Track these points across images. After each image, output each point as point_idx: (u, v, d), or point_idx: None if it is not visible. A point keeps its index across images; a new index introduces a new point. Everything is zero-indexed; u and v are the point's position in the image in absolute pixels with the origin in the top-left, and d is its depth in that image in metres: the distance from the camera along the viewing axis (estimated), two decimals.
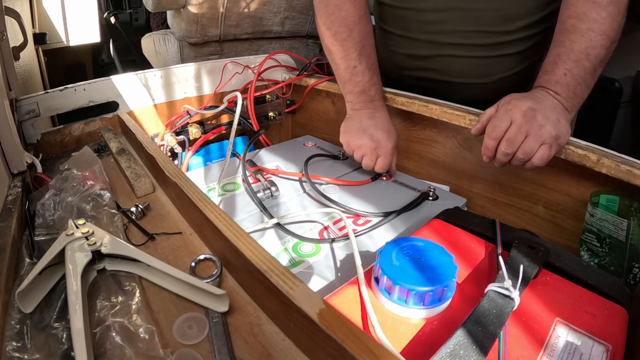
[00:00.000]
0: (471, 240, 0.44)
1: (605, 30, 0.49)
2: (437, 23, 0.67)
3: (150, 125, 0.82)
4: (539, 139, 0.47)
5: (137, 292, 0.37)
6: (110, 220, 0.47)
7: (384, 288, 0.35)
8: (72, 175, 0.53)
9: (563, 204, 0.55)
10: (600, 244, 0.48)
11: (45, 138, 0.70)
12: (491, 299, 0.33)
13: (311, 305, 0.30)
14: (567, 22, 0.51)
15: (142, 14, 2.18)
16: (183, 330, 0.34)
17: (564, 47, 0.51)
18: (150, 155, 0.56)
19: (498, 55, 0.67)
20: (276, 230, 0.53)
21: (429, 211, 0.58)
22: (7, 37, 0.71)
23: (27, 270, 0.39)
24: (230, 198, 0.62)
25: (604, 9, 0.49)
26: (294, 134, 1.01)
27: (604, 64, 0.51)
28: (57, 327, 0.33)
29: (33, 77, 1.36)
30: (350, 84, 0.66)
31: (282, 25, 1.44)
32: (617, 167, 0.45)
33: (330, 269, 0.46)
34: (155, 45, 1.44)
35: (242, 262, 0.36)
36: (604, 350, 0.31)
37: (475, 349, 0.29)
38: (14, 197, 0.49)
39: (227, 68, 0.88)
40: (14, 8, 1.02)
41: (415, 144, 0.72)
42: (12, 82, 0.69)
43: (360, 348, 0.26)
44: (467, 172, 0.66)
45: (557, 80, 0.50)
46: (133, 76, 0.77)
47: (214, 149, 0.86)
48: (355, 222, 0.55)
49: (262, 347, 0.33)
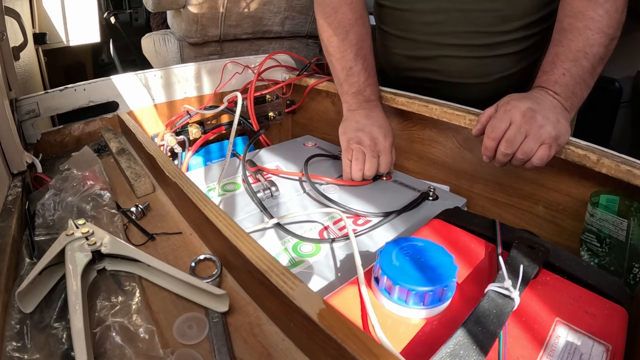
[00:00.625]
0: (471, 240, 0.44)
1: (603, 28, 0.48)
2: (435, 24, 0.67)
3: (150, 125, 0.82)
4: (539, 139, 0.47)
5: (137, 292, 0.37)
6: (110, 220, 0.47)
7: (384, 288, 0.35)
8: (72, 175, 0.53)
9: (563, 204, 0.55)
10: (600, 244, 0.48)
11: (45, 138, 0.70)
12: (491, 299, 0.33)
13: (311, 305, 0.30)
14: (564, 21, 0.51)
15: (142, 14, 2.18)
16: (183, 330, 0.34)
17: (561, 46, 0.50)
18: (150, 155, 0.56)
19: (496, 55, 0.67)
20: (276, 230, 0.53)
21: (429, 211, 0.58)
22: (7, 37, 0.71)
23: (27, 270, 0.39)
24: (230, 198, 0.62)
25: (600, 6, 0.48)
26: (294, 134, 1.01)
27: (603, 62, 0.50)
28: (57, 327, 0.33)
29: (33, 77, 1.36)
30: (346, 84, 0.66)
31: (282, 25, 1.44)
32: (617, 167, 0.45)
33: (330, 269, 0.46)
34: (155, 45, 1.44)
35: (242, 262, 0.36)
36: (604, 350, 0.31)
37: (475, 349, 0.29)
38: (14, 197, 0.49)
39: (227, 68, 0.88)
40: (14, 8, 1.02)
41: (415, 144, 0.72)
42: (12, 82, 0.69)
43: (360, 348, 0.26)
44: (467, 172, 0.66)
45: (555, 80, 0.50)
46: (133, 76, 0.77)
47: (214, 149, 0.86)
48: (355, 222, 0.55)
49: (262, 347, 0.33)
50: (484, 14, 0.63)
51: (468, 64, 0.69)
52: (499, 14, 0.63)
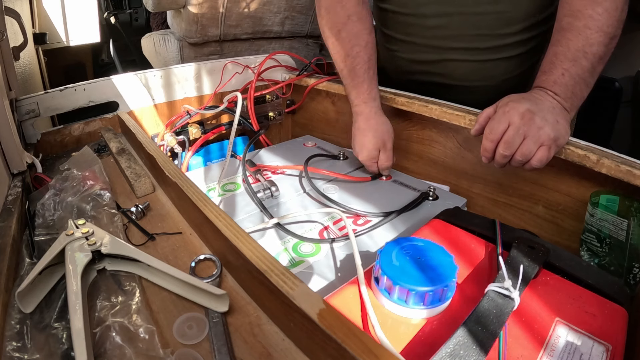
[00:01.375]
0: (471, 240, 0.44)
1: (602, 27, 0.48)
2: (438, 28, 0.67)
3: (150, 125, 0.82)
4: (537, 141, 0.47)
5: (137, 292, 0.37)
6: (110, 220, 0.47)
7: (384, 288, 0.35)
8: (72, 175, 0.53)
9: (563, 204, 0.55)
10: (600, 244, 0.48)
11: (45, 138, 0.70)
12: (491, 298, 0.33)
13: (311, 305, 0.30)
14: (563, 20, 0.51)
15: (142, 14, 2.18)
16: (183, 330, 0.34)
17: (560, 46, 0.50)
18: (150, 155, 0.56)
19: (500, 58, 0.67)
20: (276, 230, 0.53)
21: (429, 211, 0.58)
22: (7, 37, 0.71)
23: (27, 270, 0.39)
24: (230, 198, 0.62)
25: (599, 4, 0.48)
26: (294, 134, 1.01)
27: (604, 61, 0.50)
28: (57, 327, 0.33)
29: (33, 77, 1.36)
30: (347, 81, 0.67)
31: (282, 25, 1.44)
32: (617, 167, 0.45)
33: (330, 269, 0.46)
34: (155, 45, 1.44)
35: (242, 262, 0.36)
36: (604, 350, 0.31)
37: (476, 348, 0.29)
38: (14, 197, 0.49)
39: (227, 68, 0.88)
40: (14, 8, 1.02)
41: (415, 144, 0.72)
42: (12, 82, 0.69)
43: (360, 348, 0.26)
44: (467, 172, 0.66)
45: (555, 80, 0.50)
46: (133, 76, 0.77)
47: (214, 149, 0.86)
48: (355, 222, 0.55)
49: (262, 347, 0.33)
50: (486, 16, 0.63)
51: (472, 67, 0.69)
52: (501, 16, 0.62)
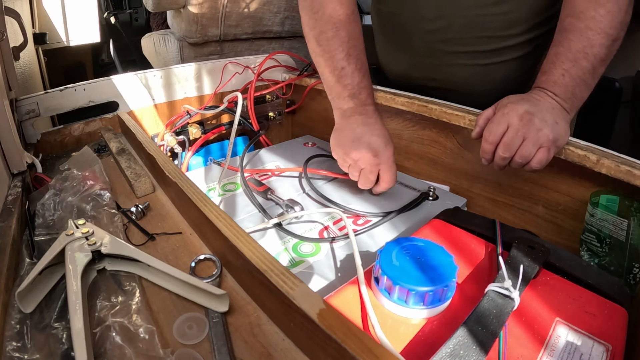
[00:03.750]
0: (471, 240, 0.44)
1: (605, 28, 0.48)
2: (438, 31, 0.66)
3: (150, 125, 0.82)
4: (537, 142, 0.47)
5: (137, 292, 0.37)
6: (110, 220, 0.47)
7: (384, 288, 0.35)
8: (72, 175, 0.53)
9: (563, 204, 0.55)
10: (600, 244, 0.48)
11: (45, 138, 0.70)
12: (491, 298, 0.33)
13: (311, 305, 0.30)
14: (565, 21, 0.51)
15: (142, 14, 2.18)
16: (183, 330, 0.34)
17: (561, 46, 0.50)
18: (150, 155, 0.56)
19: (502, 60, 0.66)
20: (276, 230, 0.53)
21: (429, 211, 0.58)
22: (7, 37, 0.71)
23: (27, 270, 0.39)
24: (230, 198, 0.62)
25: (602, 6, 0.48)
26: (294, 134, 1.01)
27: (605, 63, 0.49)
28: (57, 327, 0.33)
29: (33, 77, 1.36)
30: (338, 87, 0.59)
31: (282, 25, 1.44)
32: (617, 167, 0.45)
33: (330, 268, 0.46)
34: (155, 45, 1.44)
35: (242, 262, 0.36)
36: (604, 350, 0.31)
37: (476, 348, 0.29)
38: (14, 197, 0.49)
39: (227, 68, 0.87)
40: (14, 8, 1.02)
41: (415, 144, 0.72)
42: (12, 82, 0.69)
43: (360, 348, 0.26)
44: (467, 172, 0.66)
45: (555, 80, 0.49)
46: (133, 76, 0.77)
47: (214, 149, 0.86)
48: (355, 222, 0.55)
49: (262, 347, 0.33)
50: (491, 18, 0.62)
51: (472, 71, 0.68)
52: (506, 17, 0.61)
